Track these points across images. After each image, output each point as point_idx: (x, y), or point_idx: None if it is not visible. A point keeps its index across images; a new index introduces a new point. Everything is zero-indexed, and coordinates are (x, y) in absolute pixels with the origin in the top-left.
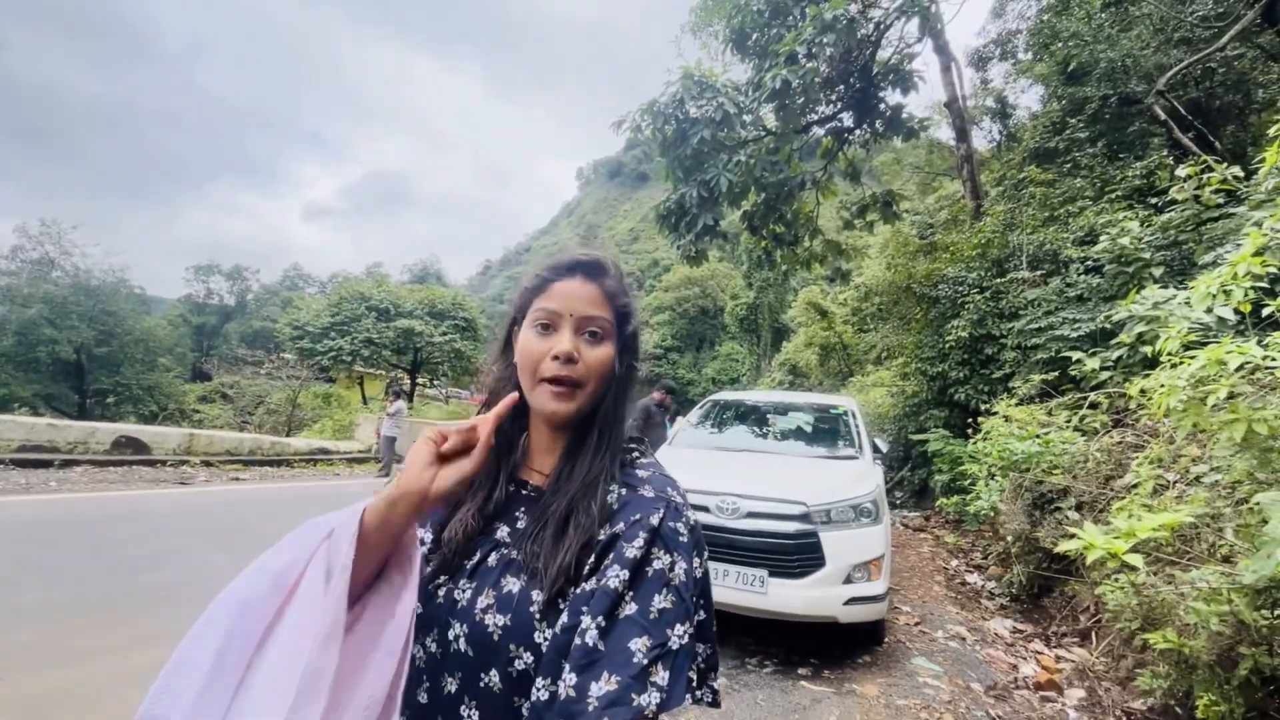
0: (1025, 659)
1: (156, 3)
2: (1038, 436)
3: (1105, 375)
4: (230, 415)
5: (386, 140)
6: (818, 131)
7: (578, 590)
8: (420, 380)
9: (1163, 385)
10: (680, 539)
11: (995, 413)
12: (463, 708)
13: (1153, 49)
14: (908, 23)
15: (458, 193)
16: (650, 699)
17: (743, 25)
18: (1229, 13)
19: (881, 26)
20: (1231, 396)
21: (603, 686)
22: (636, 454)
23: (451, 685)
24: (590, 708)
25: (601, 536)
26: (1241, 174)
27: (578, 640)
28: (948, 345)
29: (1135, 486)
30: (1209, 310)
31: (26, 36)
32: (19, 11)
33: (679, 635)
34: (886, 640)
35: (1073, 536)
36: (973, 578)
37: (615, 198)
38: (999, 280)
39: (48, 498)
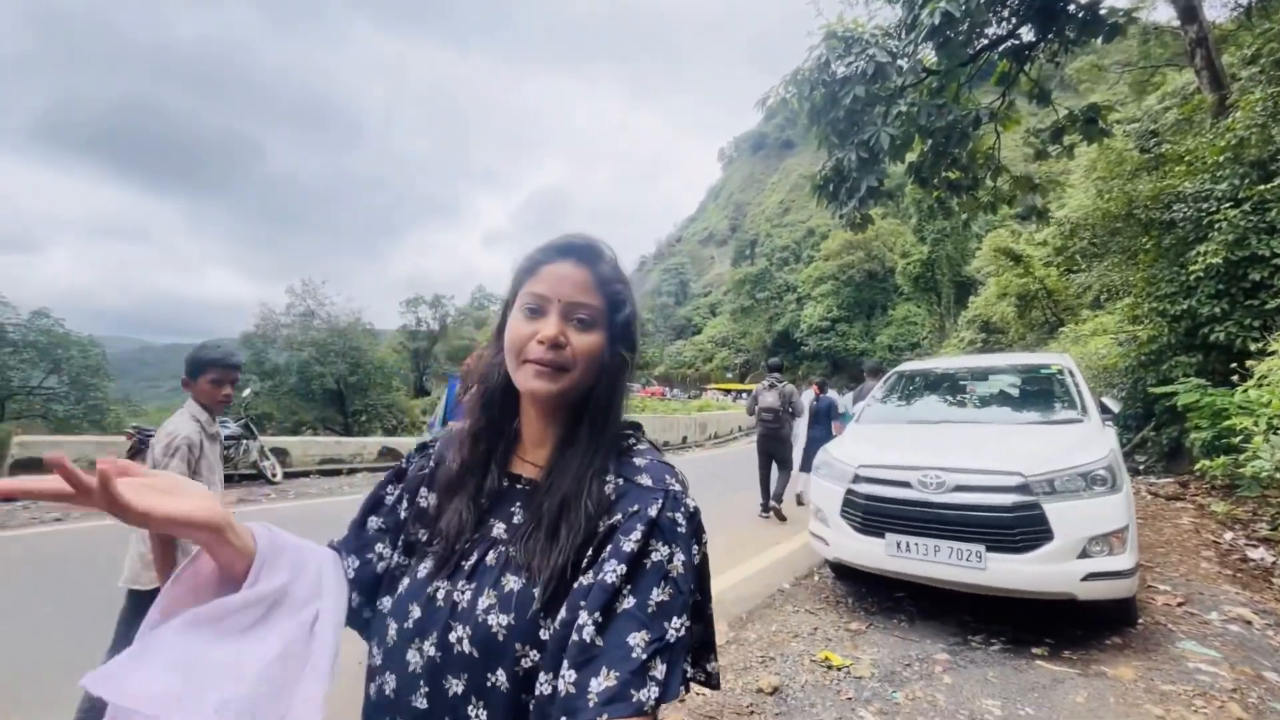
0: None
1: (359, 89)
2: None
3: None
4: None
5: (546, 163)
6: (990, 57)
7: (576, 584)
8: None
9: None
10: (679, 529)
11: (1274, 351)
12: (470, 708)
13: None
14: None
15: (610, 198)
16: (649, 693)
17: None
18: None
19: None
20: None
21: (602, 683)
22: (633, 441)
23: (457, 687)
24: (590, 704)
25: (599, 529)
26: None
27: (575, 636)
28: (1193, 276)
29: None
30: None
31: (274, 138)
32: (268, 116)
33: (676, 628)
34: (1141, 621)
35: None
36: (1257, 553)
37: (761, 172)
38: (1263, 187)
39: (343, 499)
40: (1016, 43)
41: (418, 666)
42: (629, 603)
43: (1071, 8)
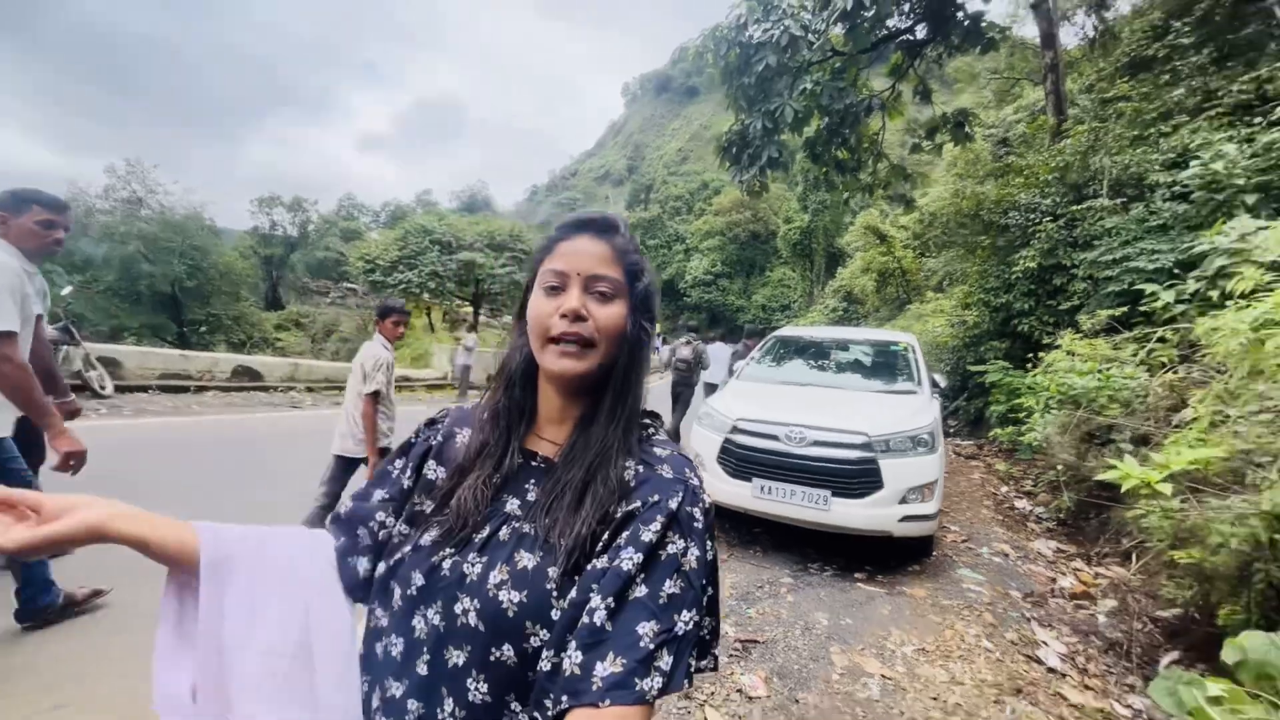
0: (1064, 574)
1: None
2: (1098, 371)
3: (1179, 309)
4: (306, 343)
5: (438, 68)
6: (887, 48)
7: (590, 566)
8: (482, 311)
9: (1224, 327)
10: (696, 524)
11: (1058, 346)
12: (469, 680)
13: None
14: None
15: (505, 118)
16: (653, 684)
17: None
18: None
19: None
20: None
21: (608, 668)
22: (652, 430)
23: (458, 658)
24: (594, 687)
25: (617, 513)
26: None
27: (586, 619)
28: (1015, 275)
29: (1193, 421)
30: None
31: None
32: None
33: (685, 621)
34: (935, 554)
35: (1113, 466)
36: (1021, 503)
37: (663, 115)
38: (1076, 207)
39: (195, 419)
40: (911, 39)
41: (422, 633)
42: (641, 591)
43: (960, 15)
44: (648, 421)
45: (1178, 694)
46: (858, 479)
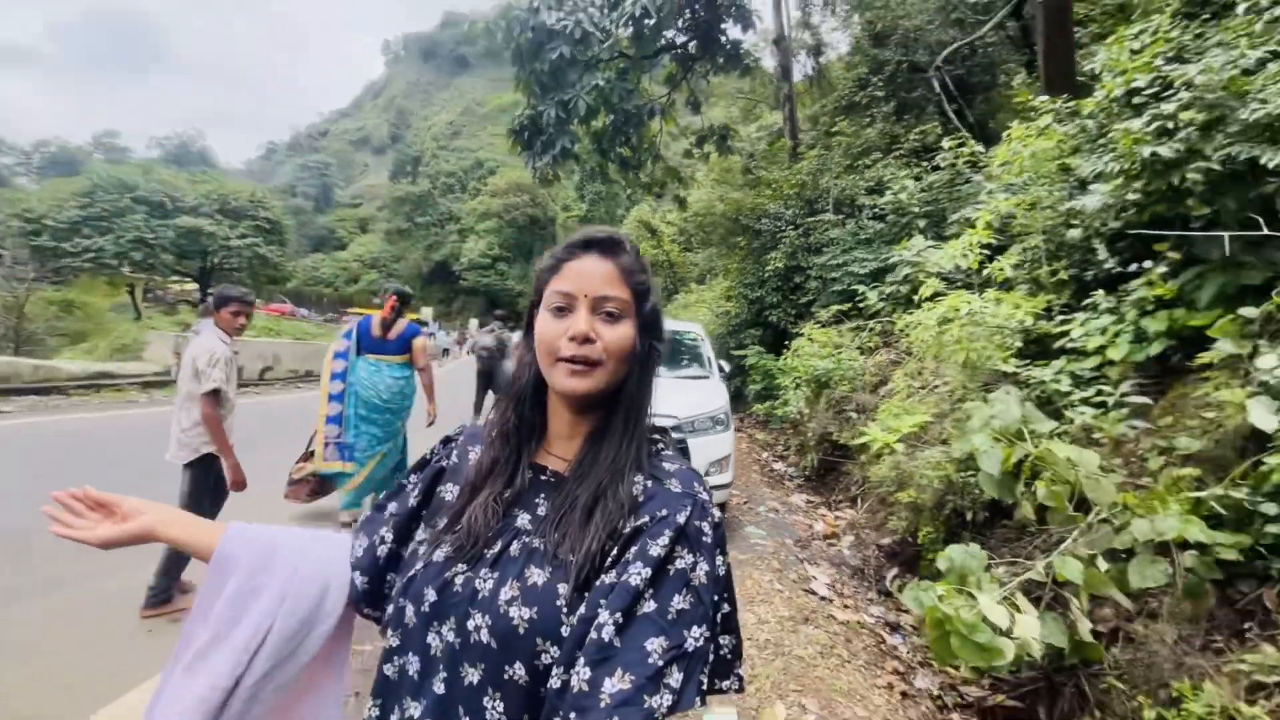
0: (816, 520)
1: None
2: (832, 355)
3: (881, 306)
4: None
5: None
6: (664, 58)
7: (598, 581)
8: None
9: (919, 323)
10: (704, 539)
11: (802, 334)
12: (486, 699)
13: (936, 25)
14: None
15: (229, 54)
16: (662, 701)
17: None
18: (993, 3)
19: None
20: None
21: (616, 684)
22: (661, 445)
23: (473, 676)
24: (602, 704)
25: (625, 528)
26: (983, 149)
27: (594, 634)
28: (766, 274)
29: (894, 394)
30: (956, 267)
31: None
32: None
33: (695, 638)
34: (727, 516)
35: (862, 433)
36: (778, 465)
37: (430, 82)
38: (809, 219)
39: None
40: (685, 53)
41: (438, 650)
42: (650, 607)
43: (724, 39)
44: (656, 437)
45: (918, 597)
46: None
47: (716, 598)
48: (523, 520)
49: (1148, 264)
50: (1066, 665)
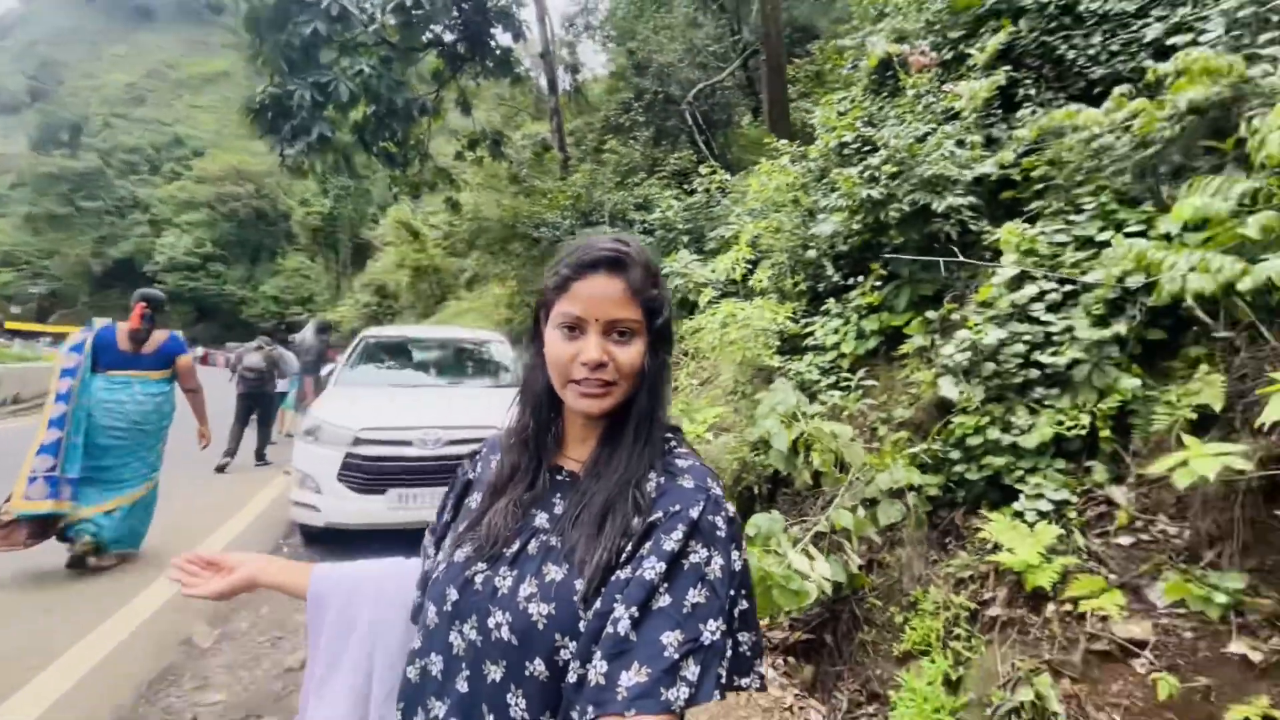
0: None
1: None
2: None
3: None
4: None
5: None
6: (430, 54)
7: (614, 577)
8: None
9: (702, 327)
10: (718, 533)
11: None
12: (509, 695)
13: (685, 64)
14: None
15: None
16: (679, 694)
17: None
18: (726, 53)
19: None
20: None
21: (632, 677)
22: (674, 443)
23: (496, 673)
24: (619, 698)
25: (640, 525)
26: (730, 177)
27: (610, 629)
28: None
29: (677, 391)
30: (726, 278)
31: None
32: None
33: (711, 631)
34: None
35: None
36: None
37: (97, 32)
38: (586, 230)
39: None
40: (454, 51)
41: (460, 649)
42: (665, 601)
43: (493, 44)
44: (669, 435)
45: None
46: None
47: (733, 592)
48: (540, 519)
49: (862, 279)
50: (843, 596)
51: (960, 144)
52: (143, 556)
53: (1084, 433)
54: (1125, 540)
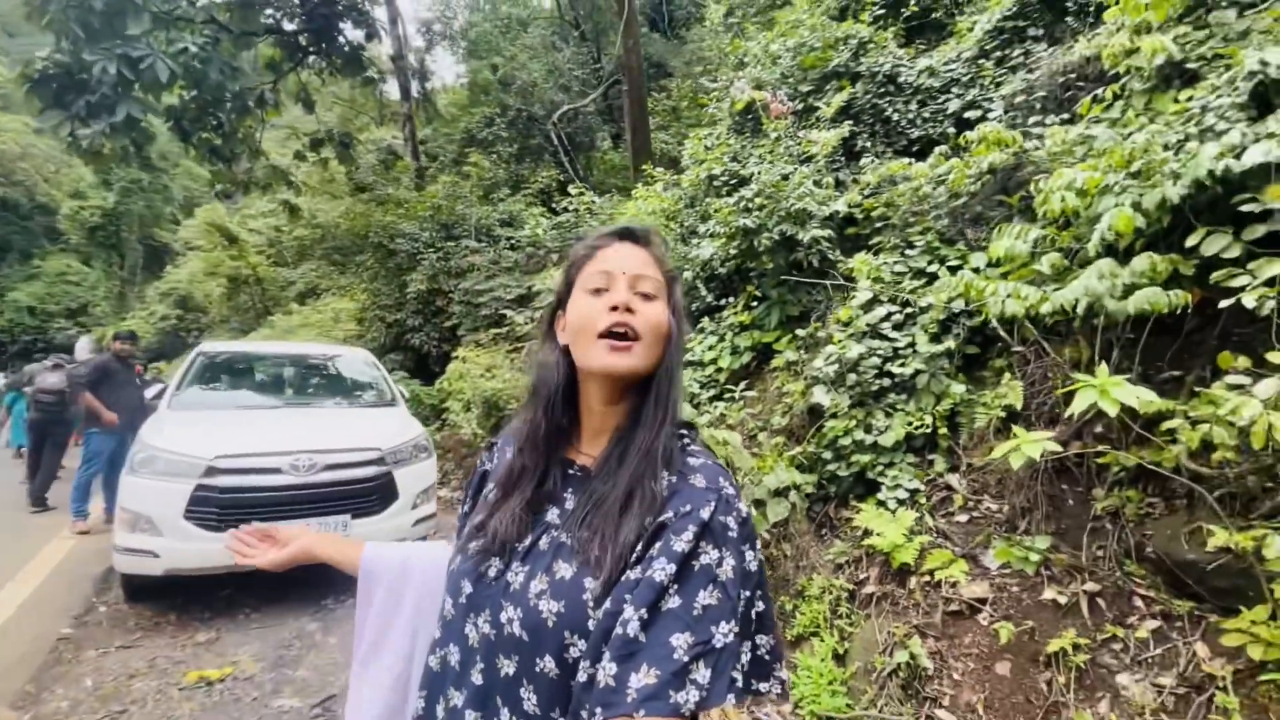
0: None
1: None
2: (495, 375)
3: (529, 329)
4: None
5: None
6: (267, 42)
7: (624, 577)
8: None
9: None
10: (730, 534)
11: (456, 356)
12: (522, 690)
13: (549, 86)
14: None
15: None
16: (689, 696)
17: None
18: (589, 79)
19: None
20: None
21: (642, 679)
22: (687, 440)
23: (509, 667)
24: (628, 699)
25: (651, 524)
26: (596, 199)
27: (619, 629)
28: (408, 296)
29: None
30: None
31: None
32: None
33: (723, 633)
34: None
35: None
36: (459, 492)
37: None
38: (449, 243)
39: None
40: (294, 41)
41: (475, 641)
42: (675, 603)
43: (342, 40)
44: (683, 433)
45: None
46: (376, 495)
47: (748, 594)
48: (552, 514)
49: (733, 299)
50: None
51: (817, 183)
52: None
53: (927, 431)
54: (963, 518)
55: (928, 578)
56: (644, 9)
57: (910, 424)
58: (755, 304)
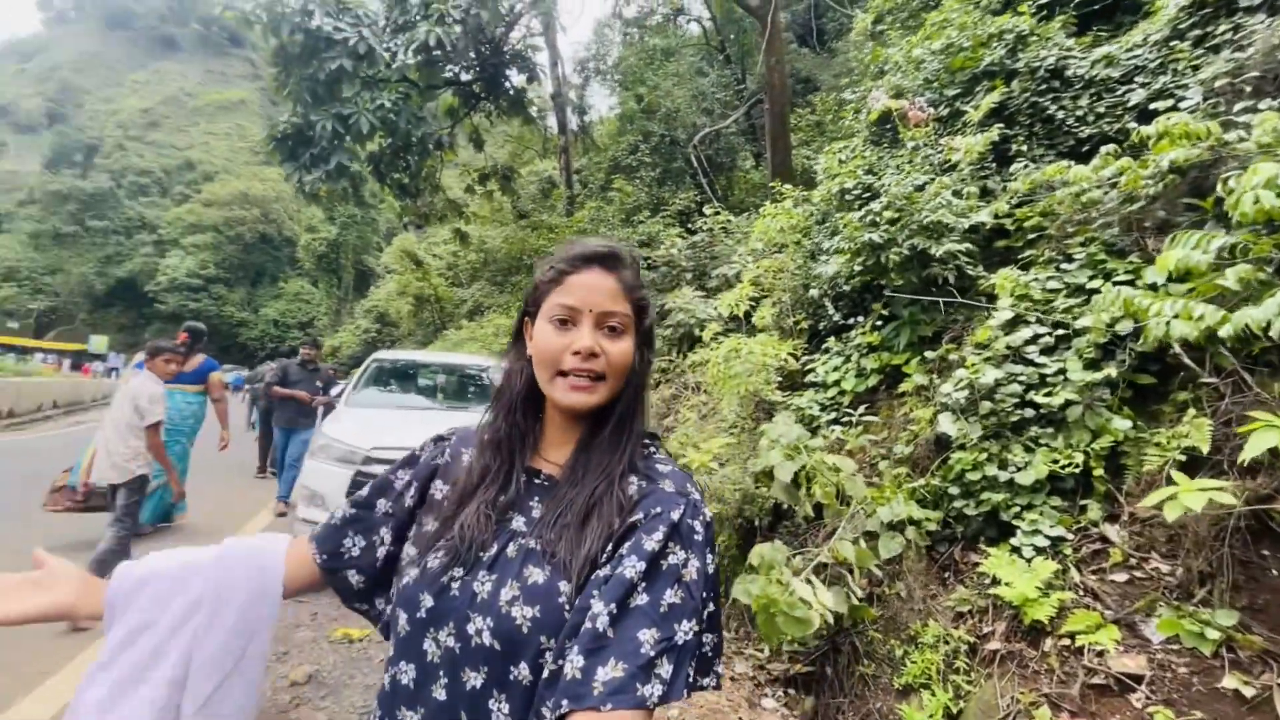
0: None
1: None
2: None
3: (660, 347)
4: None
5: None
6: (446, 91)
7: (593, 575)
8: None
9: (707, 360)
10: (696, 537)
11: None
12: (491, 701)
13: (691, 110)
14: (533, 19)
15: None
16: (653, 690)
17: None
18: (731, 100)
19: (515, 11)
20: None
21: (609, 672)
22: (653, 448)
23: (476, 680)
24: (595, 692)
25: (620, 526)
26: (732, 218)
27: (588, 624)
28: None
29: (682, 423)
30: (730, 314)
31: None
32: None
33: (684, 631)
34: None
35: (677, 456)
36: None
37: (119, 59)
38: None
39: None
40: (469, 89)
41: (435, 657)
42: (643, 599)
43: (507, 85)
44: (648, 441)
45: (747, 589)
46: None
47: (705, 594)
48: (518, 523)
49: (862, 318)
50: (844, 628)
51: (957, 194)
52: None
53: (1077, 471)
54: (1120, 577)
55: (1067, 641)
56: (793, 25)
57: (1056, 462)
58: (884, 323)
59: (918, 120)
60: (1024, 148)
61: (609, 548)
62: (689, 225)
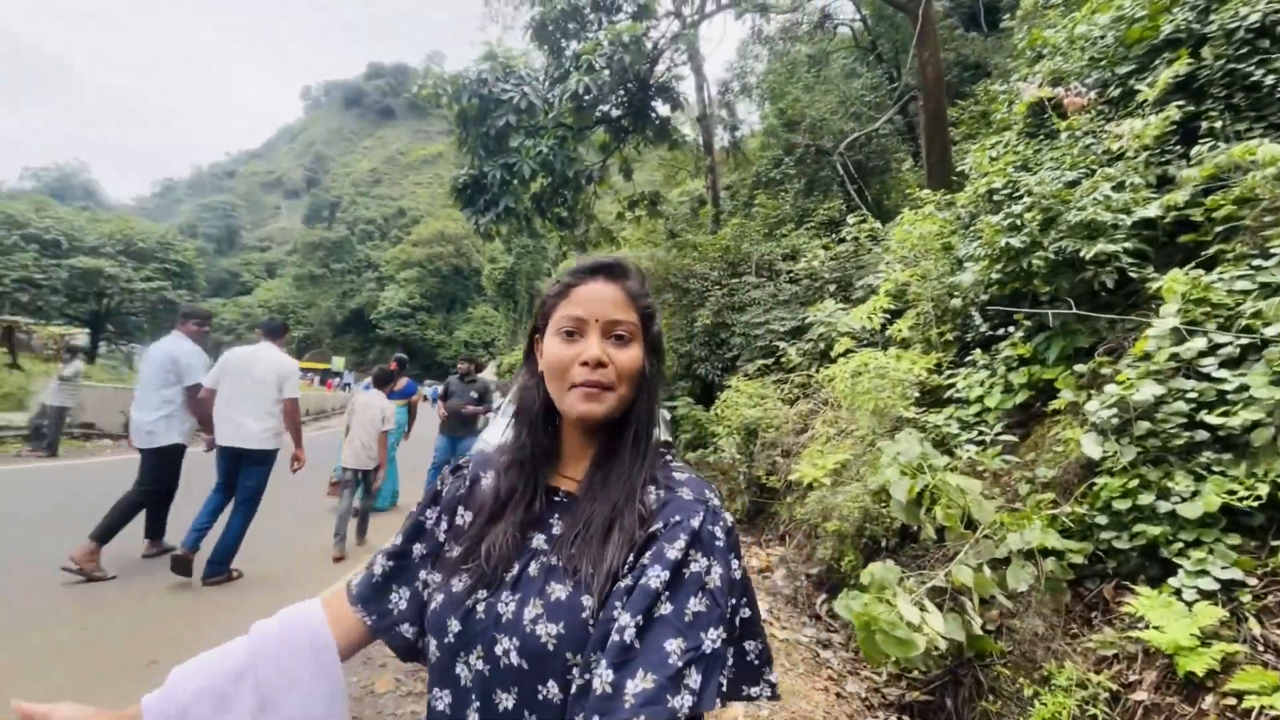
0: (750, 556)
1: None
2: (759, 405)
3: (799, 361)
4: None
5: None
6: (599, 129)
7: (616, 586)
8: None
9: (836, 375)
10: (717, 543)
11: (729, 386)
12: None
13: (838, 116)
14: (677, 50)
15: (123, 86)
16: (683, 701)
17: (543, 18)
18: (882, 101)
19: (657, 48)
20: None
21: (639, 685)
22: (669, 457)
23: (508, 701)
24: (626, 705)
25: (641, 537)
26: (880, 225)
27: (615, 636)
28: (695, 330)
29: (814, 438)
30: (862, 327)
31: None
32: None
33: (712, 639)
34: None
35: (794, 471)
36: None
37: (353, 130)
38: (733, 280)
39: None
40: (619, 126)
41: (467, 680)
42: (667, 609)
43: (654, 115)
44: (663, 450)
45: (849, 605)
46: None
47: (734, 600)
48: (538, 540)
49: (1011, 329)
50: (966, 660)
51: (1120, 186)
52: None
53: (1260, 504)
54: None
55: (1233, 700)
56: (957, 10)
57: (1234, 493)
58: (1035, 334)
59: (1075, 107)
60: (1217, 124)
61: (630, 559)
62: (835, 235)
